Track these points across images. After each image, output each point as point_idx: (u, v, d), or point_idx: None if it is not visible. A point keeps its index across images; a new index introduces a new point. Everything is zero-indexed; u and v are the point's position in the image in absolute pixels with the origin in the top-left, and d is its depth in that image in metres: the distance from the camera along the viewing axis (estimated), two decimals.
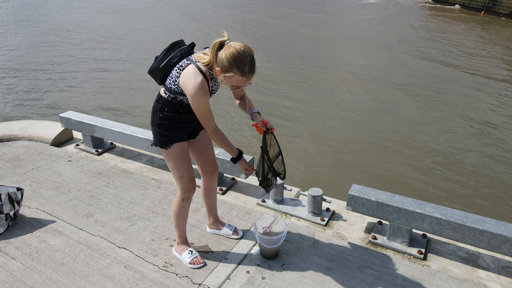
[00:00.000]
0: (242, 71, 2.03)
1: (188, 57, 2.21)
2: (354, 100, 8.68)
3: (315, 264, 2.63)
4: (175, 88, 2.22)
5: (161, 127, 2.33)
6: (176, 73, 2.19)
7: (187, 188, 2.45)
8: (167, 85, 2.26)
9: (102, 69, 10.82)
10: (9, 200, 2.94)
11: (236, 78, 2.06)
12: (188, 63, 2.16)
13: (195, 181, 2.49)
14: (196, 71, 2.10)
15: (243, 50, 2.03)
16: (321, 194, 3.05)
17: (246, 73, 2.04)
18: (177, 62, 2.22)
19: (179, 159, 2.39)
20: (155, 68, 2.28)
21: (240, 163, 2.41)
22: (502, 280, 2.50)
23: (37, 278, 2.52)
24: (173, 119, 2.32)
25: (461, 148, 6.62)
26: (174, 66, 2.23)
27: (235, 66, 2.02)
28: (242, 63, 2.02)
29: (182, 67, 2.17)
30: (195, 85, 2.07)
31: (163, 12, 20.02)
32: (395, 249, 2.75)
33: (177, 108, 2.30)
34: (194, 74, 2.09)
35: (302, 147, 6.57)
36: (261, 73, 9.85)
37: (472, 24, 17.88)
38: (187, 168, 2.42)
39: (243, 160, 2.41)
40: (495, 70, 11.09)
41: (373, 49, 13.26)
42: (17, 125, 4.65)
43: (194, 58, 2.17)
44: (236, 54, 2.01)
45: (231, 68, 2.03)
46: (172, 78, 2.22)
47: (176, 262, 2.64)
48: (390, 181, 5.60)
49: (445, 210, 2.60)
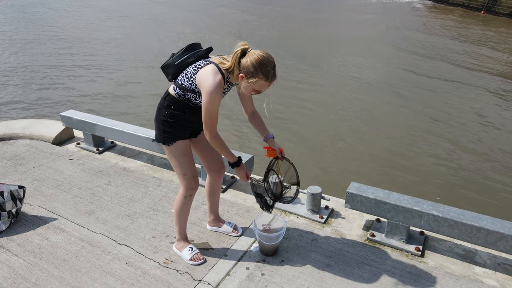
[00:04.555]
0: (266, 76, 2.14)
1: (206, 59, 2.28)
2: (352, 98, 8.71)
3: (314, 260, 2.66)
4: (188, 85, 2.26)
5: (165, 124, 2.37)
6: (192, 70, 2.25)
7: (190, 185, 2.49)
8: (178, 82, 2.31)
9: (103, 68, 10.85)
10: (11, 198, 2.98)
11: (260, 83, 2.16)
12: (207, 63, 2.22)
13: (198, 179, 2.53)
14: (216, 70, 2.17)
15: (266, 57, 2.14)
16: (320, 192, 3.08)
17: (270, 78, 2.15)
18: (192, 62, 2.29)
19: (182, 156, 2.42)
20: (170, 64, 2.34)
21: (238, 170, 2.44)
22: (498, 276, 2.54)
23: (40, 274, 2.55)
24: (178, 117, 2.36)
25: (459, 146, 6.65)
26: (189, 65, 2.29)
27: (260, 71, 2.12)
28: (267, 68, 2.13)
29: (201, 66, 2.23)
30: (214, 82, 2.13)
31: (167, 12, 20.06)
32: (393, 246, 2.79)
33: (183, 107, 2.35)
34: (214, 73, 2.16)
35: (301, 145, 6.61)
36: None
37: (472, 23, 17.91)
38: (190, 166, 2.46)
39: (242, 167, 2.44)
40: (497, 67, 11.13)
41: (374, 49, 13.29)
42: (18, 124, 4.69)
43: (212, 60, 2.24)
44: (261, 60, 2.12)
45: (256, 73, 2.13)
46: (187, 75, 2.26)
47: (176, 259, 2.67)
48: (388, 179, 5.64)
49: (442, 208, 2.64)
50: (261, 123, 2.57)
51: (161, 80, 9.46)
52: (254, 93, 2.26)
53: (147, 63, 11.22)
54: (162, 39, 13.76)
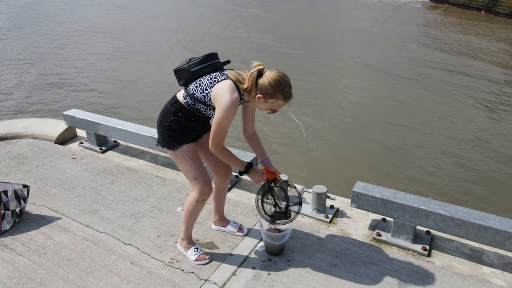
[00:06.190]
0: (285, 96, 2.17)
1: (222, 71, 2.28)
2: (359, 97, 8.70)
3: (320, 260, 2.64)
4: (201, 97, 2.24)
5: (170, 130, 2.34)
6: (208, 82, 2.23)
7: (203, 191, 2.45)
8: (190, 91, 2.28)
9: (106, 67, 10.82)
10: (15, 197, 2.96)
11: (278, 103, 2.19)
12: (224, 78, 2.20)
13: (211, 184, 2.49)
14: (233, 88, 2.16)
15: (282, 77, 2.17)
16: (325, 191, 3.07)
17: (287, 97, 2.19)
18: (208, 73, 2.28)
19: (189, 160, 2.39)
20: (185, 70, 2.31)
21: (251, 175, 2.43)
22: (506, 276, 2.52)
23: (44, 274, 2.54)
24: (184, 125, 2.34)
25: (466, 144, 6.63)
26: (204, 75, 2.28)
27: (279, 92, 2.15)
28: (285, 89, 2.16)
29: (217, 80, 2.21)
30: (231, 99, 2.13)
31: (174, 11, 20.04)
32: (399, 245, 2.77)
33: (190, 115, 2.33)
34: (232, 90, 2.15)
35: (306, 144, 6.59)
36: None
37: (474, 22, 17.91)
38: (200, 170, 2.42)
39: (254, 170, 2.43)
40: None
41: (374, 48, 13.28)
42: (20, 123, 4.67)
43: (229, 75, 2.22)
44: (279, 81, 2.15)
45: (275, 94, 2.15)
46: (202, 86, 2.24)
47: (182, 259, 2.66)
48: (395, 179, 5.62)
49: (449, 207, 2.62)
50: (260, 146, 2.57)
51: (168, 81, 9.46)
52: (270, 112, 2.27)
53: (150, 63, 11.20)
54: (170, 38, 13.75)
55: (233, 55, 11.71)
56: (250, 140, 2.57)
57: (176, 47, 12.86)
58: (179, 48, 12.67)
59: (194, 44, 13.13)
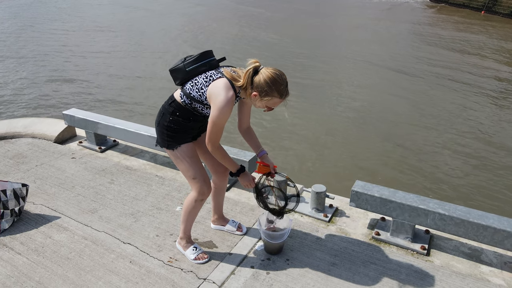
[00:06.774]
0: (281, 94, 2.16)
1: (217, 69, 2.26)
2: (358, 96, 8.70)
3: (319, 259, 2.64)
4: (197, 96, 2.24)
5: (169, 130, 2.34)
6: (203, 81, 2.22)
7: (201, 190, 2.44)
8: (187, 90, 2.27)
9: (106, 67, 10.82)
10: (14, 196, 2.96)
11: (274, 100, 2.18)
12: (219, 77, 2.19)
13: (210, 183, 2.49)
14: (229, 86, 2.15)
15: (278, 74, 2.15)
16: (324, 191, 3.07)
17: (283, 95, 2.17)
18: (204, 71, 2.27)
19: (188, 159, 2.39)
20: (180, 69, 2.30)
21: (242, 178, 2.42)
22: (505, 275, 2.52)
23: (43, 273, 2.54)
24: (182, 124, 2.34)
25: (464, 144, 6.63)
26: (200, 74, 2.26)
27: (275, 89, 2.13)
28: (281, 86, 2.14)
29: (212, 78, 2.20)
30: (226, 98, 2.12)
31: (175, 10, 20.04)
32: (398, 245, 2.77)
33: (188, 115, 2.32)
34: (227, 88, 2.14)
35: (306, 143, 6.59)
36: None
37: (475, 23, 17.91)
38: (199, 169, 2.42)
39: (245, 174, 2.42)
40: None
41: (378, 45, 13.28)
42: (20, 122, 4.67)
43: (224, 73, 2.20)
44: (274, 78, 2.13)
45: (271, 91, 2.13)
46: (197, 85, 2.23)
47: (181, 258, 2.65)
48: (393, 178, 5.62)
49: (448, 206, 2.62)
50: (255, 139, 2.56)
51: (169, 81, 9.46)
52: (267, 110, 2.26)
53: (150, 62, 11.20)
54: (176, 40, 13.75)
55: (238, 52, 11.67)
56: (245, 134, 2.56)
57: (181, 45, 12.83)
58: (184, 47, 12.64)
59: (200, 42, 13.10)
